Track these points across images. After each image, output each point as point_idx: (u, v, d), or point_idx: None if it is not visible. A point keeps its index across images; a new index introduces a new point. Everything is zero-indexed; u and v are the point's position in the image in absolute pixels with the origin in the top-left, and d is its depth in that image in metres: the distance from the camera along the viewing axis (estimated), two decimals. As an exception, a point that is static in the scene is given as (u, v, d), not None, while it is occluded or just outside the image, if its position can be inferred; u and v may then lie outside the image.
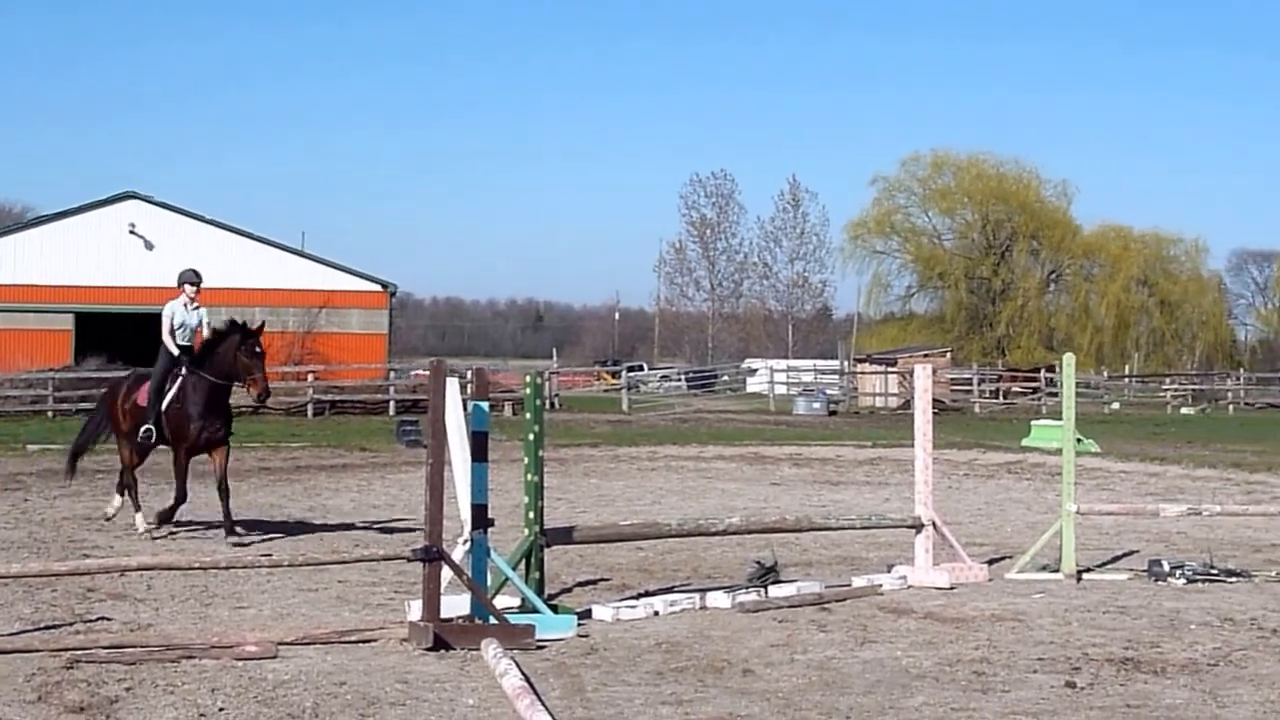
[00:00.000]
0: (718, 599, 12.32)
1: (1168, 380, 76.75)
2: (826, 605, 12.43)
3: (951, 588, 13.45)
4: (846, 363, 67.15)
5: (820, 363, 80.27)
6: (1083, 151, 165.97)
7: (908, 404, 53.11)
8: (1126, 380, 77.49)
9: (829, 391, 62.37)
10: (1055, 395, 58.87)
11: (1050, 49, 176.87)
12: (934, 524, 14.01)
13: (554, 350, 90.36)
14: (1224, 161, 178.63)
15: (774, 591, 12.68)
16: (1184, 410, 65.82)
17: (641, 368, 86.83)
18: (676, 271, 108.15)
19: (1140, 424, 51.24)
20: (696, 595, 12.43)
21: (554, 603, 11.78)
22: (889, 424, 47.53)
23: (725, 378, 75.82)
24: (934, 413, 14.58)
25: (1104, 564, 15.24)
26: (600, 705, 8.71)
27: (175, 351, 17.30)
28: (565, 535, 12.45)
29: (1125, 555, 15.99)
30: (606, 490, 23.63)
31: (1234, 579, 14.16)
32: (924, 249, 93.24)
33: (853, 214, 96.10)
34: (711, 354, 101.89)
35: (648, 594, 12.80)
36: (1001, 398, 67.30)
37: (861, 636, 11.07)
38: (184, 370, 17.20)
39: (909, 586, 13.47)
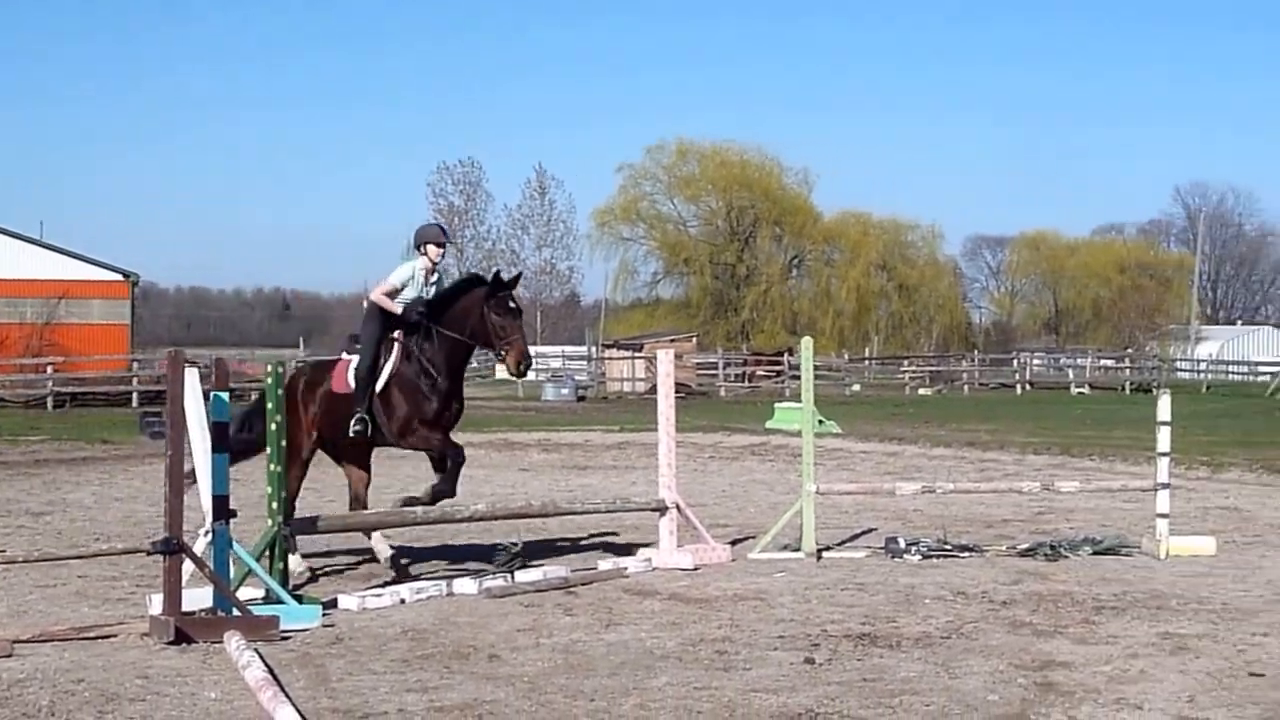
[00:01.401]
0: (465, 585, 12.34)
1: (906, 362, 78.66)
2: (573, 589, 12.53)
3: (695, 569, 13.65)
4: (594, 349, 67.52)
5: (569, 349, 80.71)
6: (823, 140, 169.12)
7: (654, 389, 53.48)
8: (867, 362, 79.23)
9: (577, 377, 62.74)
10: (798, 378, 59.87)
11: (791, 37, 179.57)
12: (678, 506, 14.20)
13: (301, 339, 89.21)
14: (960, 150, 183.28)
15: (521, 577, 12.74)
16: (921, 391, 67.50)
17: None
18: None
19: (880, 405, 52.40)
20: (443, 582, 12.43)
21: (299, 593, 11.69)
22: (636, 409, 47.87)
23: (474, 364, 75.61)
24: (680, 397, 14.79)
25: (843, 542, 15.59)
26: (345, 695, 8.67)
27: (395, 310, 13.57)
28: (309, 525, 12.34)
29: (864, 533, 16.38)
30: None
31: (967, 554, 14.62)
32: (670, 236, 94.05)
33: (600, 202, 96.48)
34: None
35: (394, 582, 12.77)
36: (746, 381, 68.35)
37: (607, 619, 11.17)
38: (400, 337, 13.56)
39: (654, 569, 13.63)
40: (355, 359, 13.70)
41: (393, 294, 13.70)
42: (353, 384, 13.57)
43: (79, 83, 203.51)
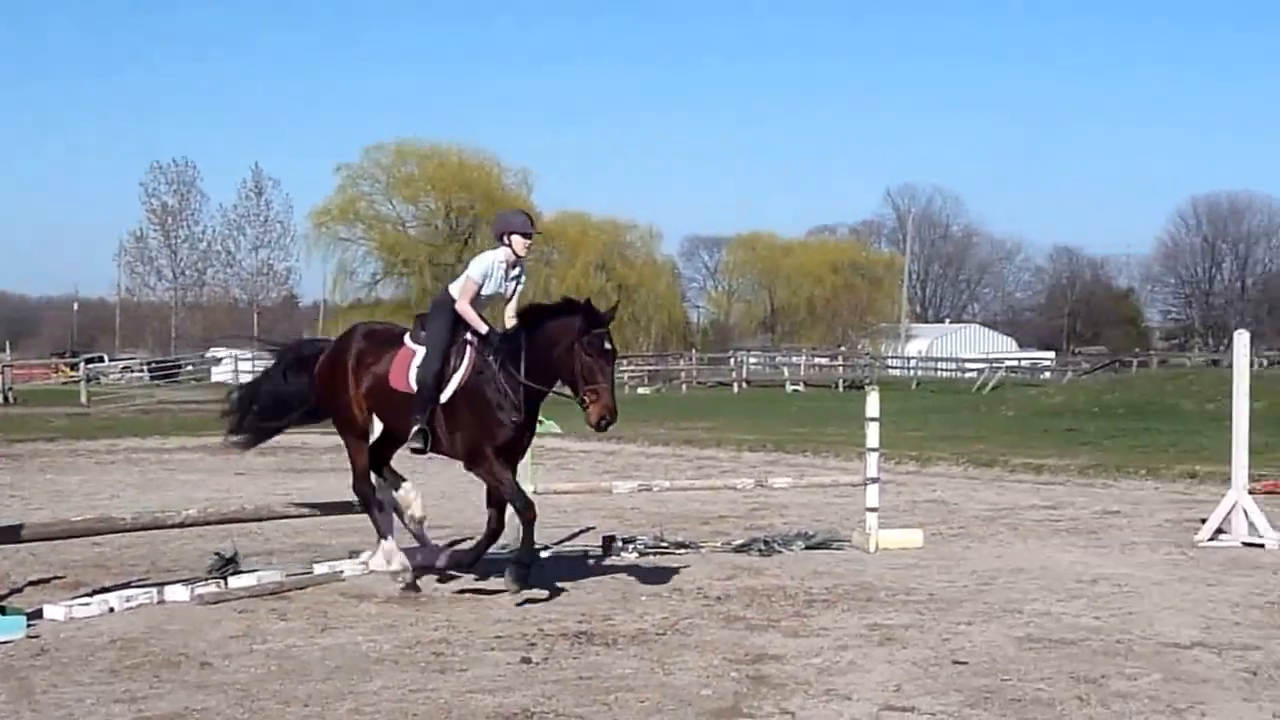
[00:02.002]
0: (176, 592, 12.07)
1: (625, 361, 79.23)
2: (287, 594, 12.36)
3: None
4: (313, 350, 66.67)
5: (286, 351, 79.39)
6: (543, 141, 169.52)
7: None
8: (587, 362, 79.41)
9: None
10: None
11: (509, 39, 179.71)
12: (395, 509, 14.08)
13: (7, 343, 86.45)
14: (677, 151, 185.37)
15: (234, 582, 12.51)
16: (640, 390, 68.09)
17: (102, 359, 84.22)
18: (138, 260, 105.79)
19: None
20: (154, 589, 12.15)
21: (2, 604, 11.33)
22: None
23: (189, 367, 74.30)
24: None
25: (561, 541, 15.66)
26: (49, 708, 8.43)
27: (480, 329, 12.14)
28: (12, 534, 11.96)
29: (583, 532, 16.49)
30: (63, 485, 22.84)
31: (683, 550, 14.80)
32: (389, 236, 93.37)
33: (318, 202, 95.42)
34: (175, 343, 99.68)
35: (103, 590, 12.43)
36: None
37: (322, 623, 11.05)
38: (475, 341, 12.13)
39: (371, 572, 13.51)
40: (420, 352, 12.25)
41: (476, 296, 12.35)
42: (414, 386, 12.15)
43: None
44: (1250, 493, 15.71)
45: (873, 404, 15.28)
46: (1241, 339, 16.12)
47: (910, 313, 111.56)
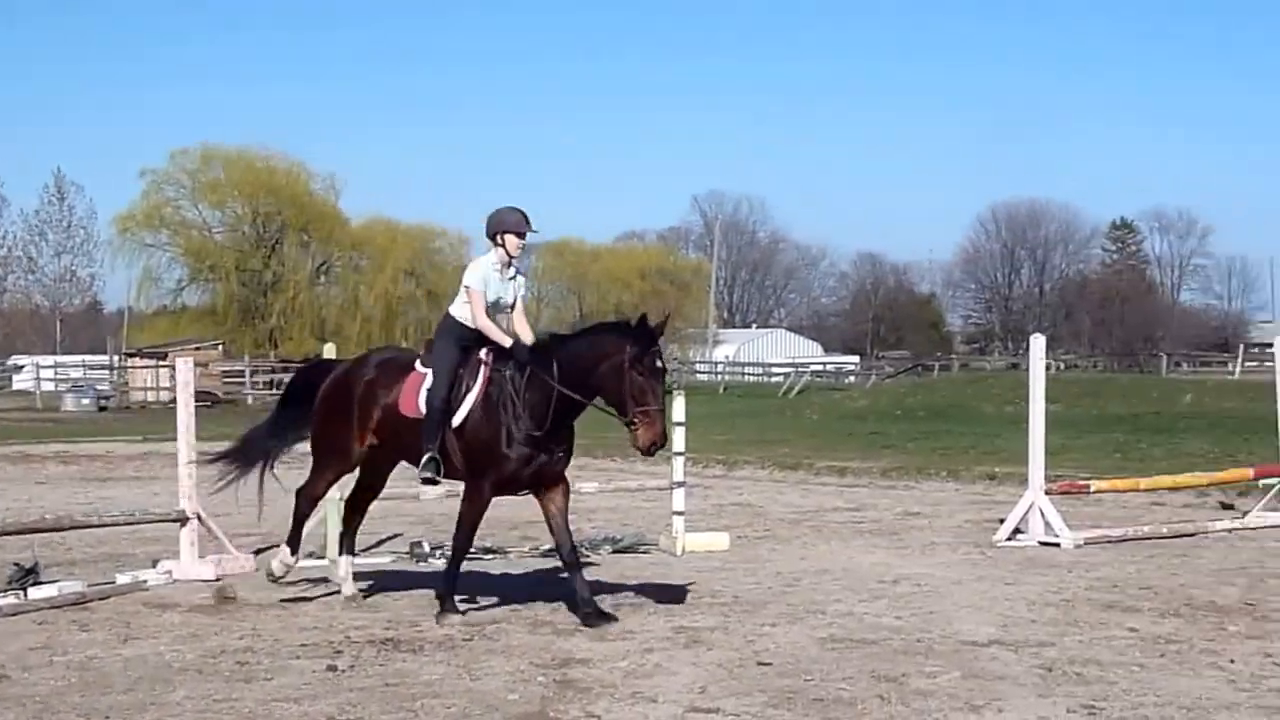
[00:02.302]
0: (-27, 605, 11.85)
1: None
2: (89, 604, 12.17)
3: (218, 579, 13.43)
4: (117, 357, 65.57)
5: (90, 358, 78.12)
6: (352, 147, 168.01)
7: (180, 398, 52.35)
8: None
9: (99, 387, 60.80)
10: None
11: (305, 40, 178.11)
12: (199, 517, 13.97)
13: None
14: (485, 157, 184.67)
15: (34, 593, 12.26)
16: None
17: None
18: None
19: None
20: (-51, 602, 11.91)
21: None
22: (161, 418, 46.55)
23: (-7, 374, 72.66)
24: (206, 405, 14.56)
25: (369, 548, 15.58)
26: None
27: (504, 343, 11.47)
28: None
29: (390, 538, 16.44)
30: None
31: (490, 555, 14.84)
32: (195, 242, 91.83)
33: (123, 207, 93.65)
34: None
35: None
36: (274, 388, 67.46)
37: (124, 634, 10.89)
38: (491, 358, 11.43)
39: (175, 581, 13.36)
40: (430, 375, 11.59)
41: (486, 307, 11.56)
42: (423, 410, 11.49)
43: None
44: (1047, 493, 16.11)
45: (679, 408, 15.43)
46: (1037, 343, 16.55)
47: (718, 318, 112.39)
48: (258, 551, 14.88)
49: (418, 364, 11.79)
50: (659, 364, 10.97)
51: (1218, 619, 11.31)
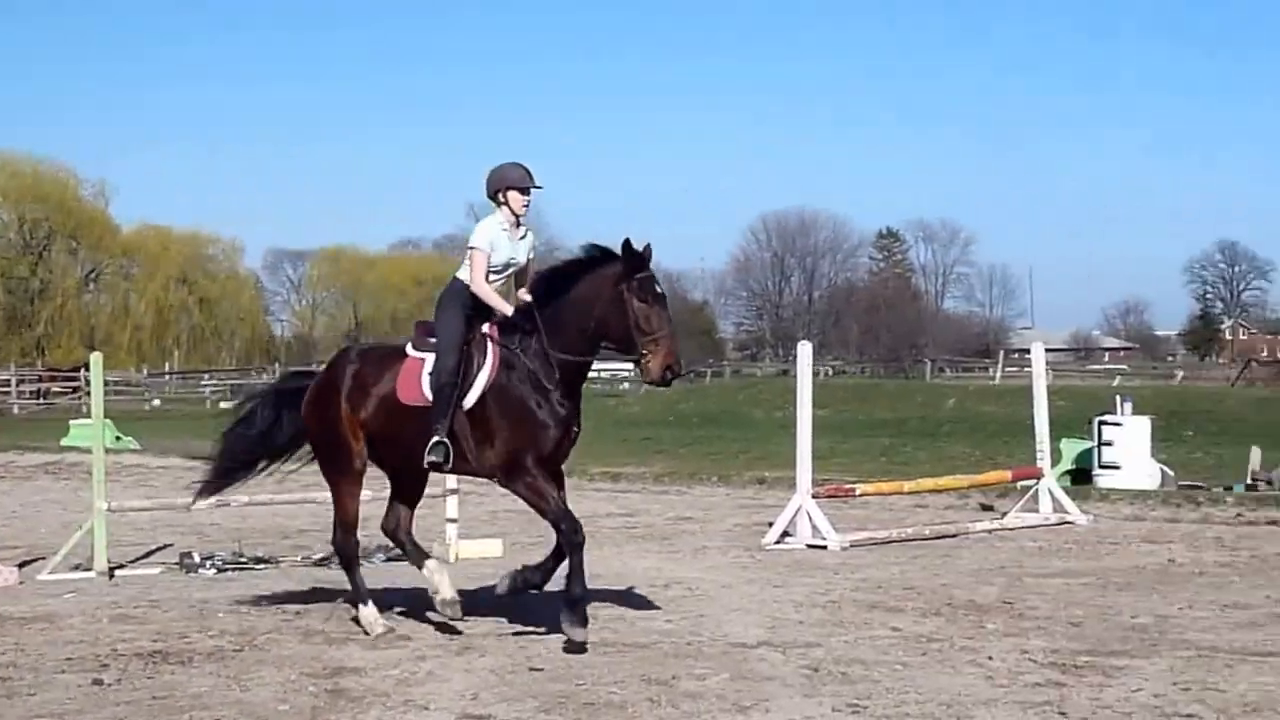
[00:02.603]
0: None
1: (207, 376, 77.87)
2: None
3: (-21, 594, 13.17)
4: None
5: None
6: (123, 153, 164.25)
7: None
8: (167, 377, 78.01)
9: None
10: (95, 394, 58.32)
11: (71, 43, 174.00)
12: (-40, 530, 13.66)
13: None
14: (260, 165, 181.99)
15: None
16: (224, 404, 66.59)
17: None
18: None
19: (181, 420, 51.63)
20: None
21: None
22: (-82, 429, 45.39)
23: None
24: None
25: (137, 559, 15.40)
26: None
27: (504, 310, 10.60)
28: None
29: (159, 549, 16.23)
30: None
31: (262, 565, 14.73)
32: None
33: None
34: None
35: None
36: (41, 398, 66.05)
37: (-119, 651, 10.63)
38: (495, 334, 10.53)
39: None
40: (430, 358, 10.64)
41: (489, 272, 10.66)
42: (429, 394, 10.57)
43: None
44: (814, 497, 16.44)
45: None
46: (804, 350, 16.88)
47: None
48: (22, 565, 14.59)
49: (409, 348, 10.91)
50: (659, 289, 10.22)
51: (977, 617, 11.65)
